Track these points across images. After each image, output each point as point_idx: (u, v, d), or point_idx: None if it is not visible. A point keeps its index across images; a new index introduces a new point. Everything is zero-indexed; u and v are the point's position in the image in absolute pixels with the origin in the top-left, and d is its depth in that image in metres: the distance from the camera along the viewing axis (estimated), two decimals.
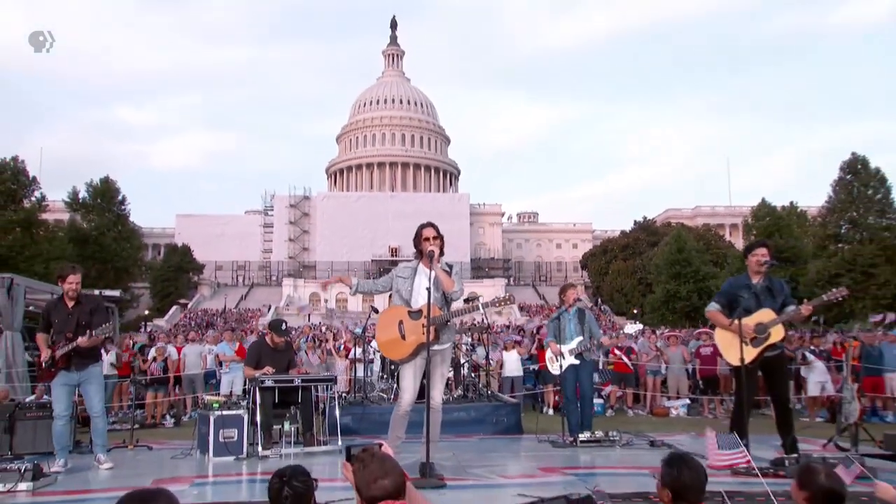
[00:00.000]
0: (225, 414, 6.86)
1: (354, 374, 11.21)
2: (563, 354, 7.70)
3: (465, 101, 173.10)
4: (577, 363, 7.71)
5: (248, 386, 8.01)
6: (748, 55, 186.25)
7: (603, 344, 9.90)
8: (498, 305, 5.79)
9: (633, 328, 13.04)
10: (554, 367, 7.87)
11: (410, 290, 5.57)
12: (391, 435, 5.55)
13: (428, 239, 5.52)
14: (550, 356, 7.98)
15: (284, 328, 8.20)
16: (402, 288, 5.62)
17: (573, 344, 7.71)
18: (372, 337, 9.84)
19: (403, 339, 5.46)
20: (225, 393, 10.64)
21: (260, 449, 6.83)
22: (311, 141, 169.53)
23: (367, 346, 11.23)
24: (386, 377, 10.42)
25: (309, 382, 7.63)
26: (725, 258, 51.17)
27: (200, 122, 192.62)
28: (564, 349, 7.72)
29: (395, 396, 8.89)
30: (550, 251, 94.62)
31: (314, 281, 73.17)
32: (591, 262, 71.05)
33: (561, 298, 8.20)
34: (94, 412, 6.48)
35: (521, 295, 71.75)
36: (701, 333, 15.09)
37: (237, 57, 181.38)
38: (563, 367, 7.69)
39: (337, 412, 7.61)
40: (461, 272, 5.85)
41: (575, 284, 9.39)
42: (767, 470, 5.03)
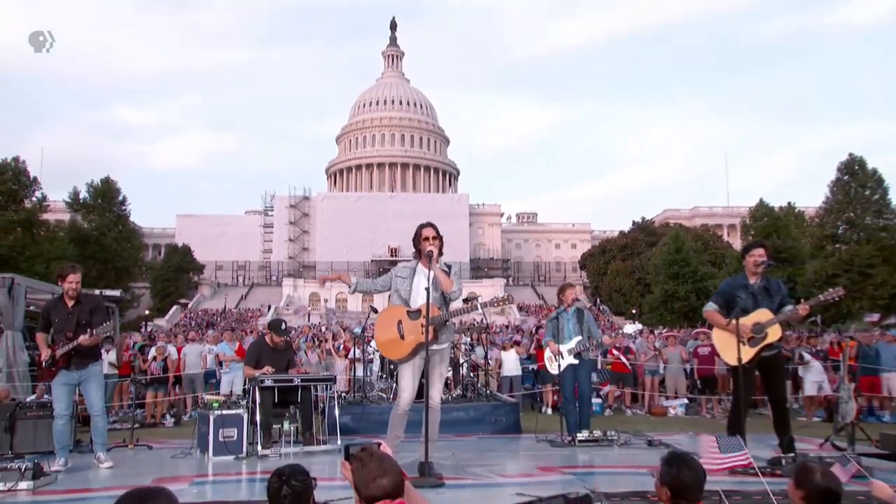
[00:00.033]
0: (225, 413, 6.88)
1: (354, 373, 11.23)
2: (562, 354, 7.71)
3: (464, 101, 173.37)
4: (576, 363, 7.73)
5: (247, 385, 8.02)
6: (747, 56, 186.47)
7: (605, 343, 9.92)
8: (496, 305, 5.80)
9: (632, 328, 13.09)
10: (553, 366, 7.88)
11: (409, 289, 5.59)
12: (390, 434, 5.57)
13: (427, 239, 5.52)
14: (549, 356, 7.98)
15: (284, 328, 8.22)
16: (401, 288, 5.64)
17: (572, 344, 7.72)
18: (371, 337, 9.86)
19: (402, 338, 5.47)
20: (225, 392, 10.64)
21: (259, 448, 6.84)
22: (310, 141, 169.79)
23: (366, 345, 11.25)
24: (385, 377, 10.44)
25: (308, 382, 7.66)
26: (723, 258, 51.13)
27: (201, 122, 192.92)
28: (563, 349, 7.72)
29: (394, 396, 8.90)
30: (549, 251, 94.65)
31: (314, 281, 73.15)
32: (589, 262, 71.10)
33: (559, 298, 8.21)
34: (94, 411, 6.49)
35: (519, 295, 71.78)
36: (699, 333, 15.12)
37: (237, 57, 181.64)
38: (561, 366, 7.70)
39: (336, 411, 7.64)
40: (460, 272, 5.86)
41: (573, 284, 9.38)
42: (764, 469, 5.05)
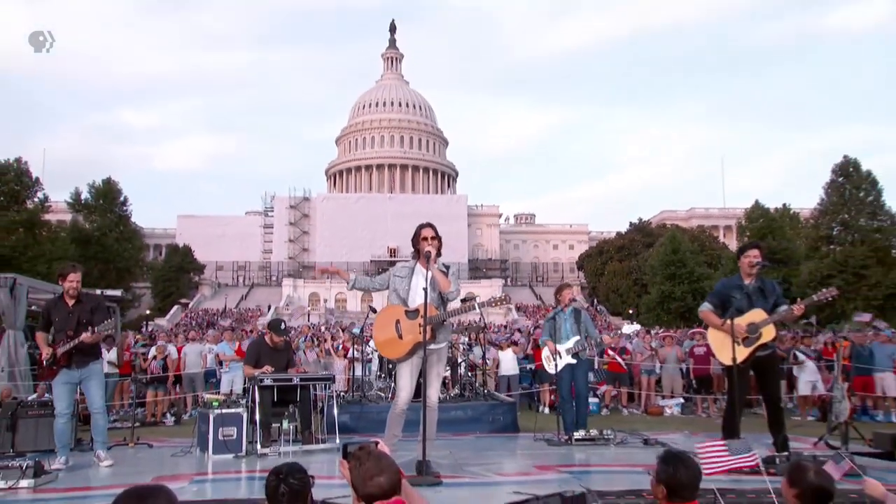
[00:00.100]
0: (224, 412, 6.90)
1: (352, 373, 11.28)
2: (559, 353, 7.74)
3: (463, 103, 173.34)
4: (573, 362, 7.77)
5: (247, 385, 8.06)
6: (745, 58, 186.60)
7: (605, 343, 9.97)
8: (494, 305, 5.83)
9: (631, 328, 13.18)
10: (550, 366, 7.91)
11: (408, 289, 5.62)
12: (388, 433, 5.60)
13: (426, 239, 5.54)
14: (547, 355, 8.00)
15: (283, 328, 8.26)
16: (399, 287, 5.67)
17: (570, 343, 7.77)
18: (370, 336, 9.91)
19: (400, 338, 5.50)
20: (225, 392, 10.69)
21: (259, 447, 6.86)
22: (310, 143, 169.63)
23: (364, 345, 11.30)
24: (383, 376, 10.48)
25: (307, 381, 7.69)
26: (719, 259, 51.19)
27: (202, 124, 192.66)
28: (561, 348, 7.76)
29: (392, 395, 8.96)
30: (547, 252, 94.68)
31: (314, 281, 73.19)
32: (587, 262, 71.20)
33: (557, 298, 8.24)
34: (94, 409, 6.51)
35: (517, 295, 71.84)
36: (695, 333, 15.17)
37: (238, 60, 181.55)
38: (559, 366, 7.74)
39: (335, 411, 7.66)
40: (458, 273, 5.90)
41: (571, 285, 9.41)
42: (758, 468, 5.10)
